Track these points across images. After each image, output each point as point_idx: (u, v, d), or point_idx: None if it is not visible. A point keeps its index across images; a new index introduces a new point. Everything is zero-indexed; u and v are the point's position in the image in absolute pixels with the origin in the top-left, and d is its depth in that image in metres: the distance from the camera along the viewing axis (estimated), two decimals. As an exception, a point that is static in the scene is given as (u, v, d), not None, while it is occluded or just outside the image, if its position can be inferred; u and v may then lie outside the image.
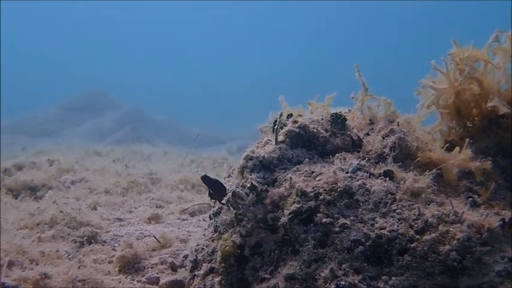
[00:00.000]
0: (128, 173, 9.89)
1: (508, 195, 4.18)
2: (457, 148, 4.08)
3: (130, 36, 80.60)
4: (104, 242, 5.68)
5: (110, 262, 5.01)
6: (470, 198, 3.83)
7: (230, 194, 3.95)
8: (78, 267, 4.57)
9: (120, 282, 4.52)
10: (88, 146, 16.32)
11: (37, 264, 4.65)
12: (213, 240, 4.34)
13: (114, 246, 5.49)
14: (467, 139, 4.11)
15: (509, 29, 4.44)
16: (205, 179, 4.32)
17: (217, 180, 4.34)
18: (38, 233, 5.60)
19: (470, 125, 4.75)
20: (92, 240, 5.60)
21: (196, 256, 4.42)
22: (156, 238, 5.48)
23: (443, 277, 3.19)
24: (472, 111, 4.70)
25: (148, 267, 4.94)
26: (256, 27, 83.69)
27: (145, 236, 5.82)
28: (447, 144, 4.34)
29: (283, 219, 3.70)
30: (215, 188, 4.31)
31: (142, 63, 74.37)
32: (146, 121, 30.21)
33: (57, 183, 8.58)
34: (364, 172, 3.90)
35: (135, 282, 4.63)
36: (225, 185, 4.34)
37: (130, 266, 4.93)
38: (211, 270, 4.14)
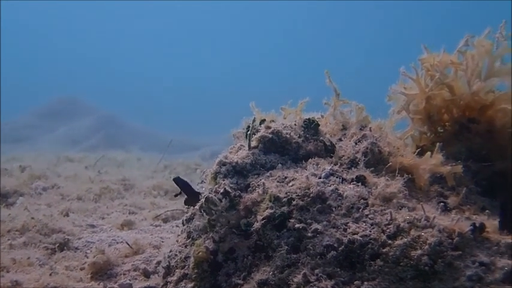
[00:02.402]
0: (100, 179, 9.85)
1: (479, 200, 4.22)
2: (429, 153, 4.12)
3: (104, 42, 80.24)
4: (76, 248, 5.64)
5: (82, 269, 4.97)
6: (442, 203, 3.86)
7: (203, 200, 3.95)
8: (50, 274, 4.54)
9: (92, 289, 4.50)
10: (61, 152, 16.21)
11: (8, 272, 4.61)
12: (186, 246, 4.33)
13: (86, 252, 5.45)
14: (438, 144, 4.15)
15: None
16: (177, 180, 4.31)
17: (188, 183, 4.33)
18: (9, 240, 5.55)
19: (442, 130, 4.79)
20: (64, 247, 5.55)
21: (169, 262, 4.40)
22: (128, 244, 5.45)
23: (415, 282, 3.21)
24: (443, 116, 4.75)
25: (120, 274, 4.91)
26: (229, 33, 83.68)
27: (117, 243, 5.78)
28: (418, 149, 4.37)
29: (257, 225, 3.71)
30: (187, 191, 4.30)
31: (116, 69, 74.01)
32: (120, 127, 30.10)
33: (28, 189, 8.51)
34: (336, 177, 3.92)
35: (107, 288, 4.60)
36: (196, 189, 4.33)
37: (103, 272, 4.90)
38: (184, 277, 4.13)
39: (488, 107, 4.58)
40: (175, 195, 4.42)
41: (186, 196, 4.35)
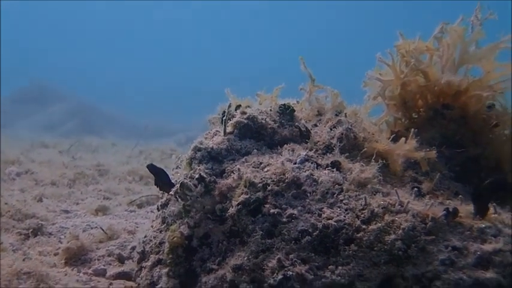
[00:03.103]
0: (75, 165, 9.80)
1: (453, 185, 4.25)
2: (403, 139, 4.14)
3: (80, 27, 79.46)
4: (50, 234, 5.60)
5: (55, 254, 4.94)
6: (416, 188, 3.89)
7: (178, 185, 3.94)
8: (23, 260, 4.50)
9: (66, 275, 4.45)
10: (36, 138, 16.08)
11: (-19, 257, 4.57)
12: (160, 232, 4.32)
13: (60, 238, 5.42)
14: (413, 130, 4.17)
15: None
16: (151, 167, 4.29)
17: (162, 170, 4.31)
18: (-18, 225, 5.51)
19: (416, 116, 4.82)
20: (38, 233, 5.52)
21: (143, 247, 4.40)
22: (103, 230, 5.43)
23: (388, 266, 3.23)
24: (417, 102, 4.77)
25: (95, 259, 4.88)
26: (206, 20, 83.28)
27: (92, 228, 5.76)
28: (393, 135, 4.39)
29: (232, 210, 3.70)
30: (160, 177, 4.28)
31: (93, 55, 73.34)
32: (95, 113, 29.89)
33: (2, 175, 8.44)
34: (311, 163, 3.93)
35: (81, 274, 4.57)
36: (170, 176, 4.32)
37: (77, 258, 4.87)
38: (158, 262, 4.12)
39: (462, 93, 4.61)
40: (156, 185, 4.39)
41: (160, 183, 4.32)
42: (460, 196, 3.84)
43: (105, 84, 54.98)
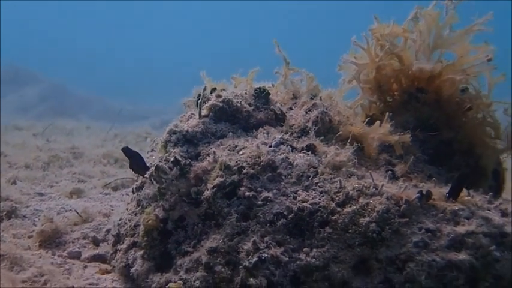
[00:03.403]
0: (49, 147, 9.72)
1: (426, 168, 4.29)
2: (378, 122, 4.16)
3: (54, 7, 78.52)
4: (24, 216, 5.56)
5: (29, 237, 4.91)
6: (390, 171, 3.92)
7: (153, 168, 3.94)
8: (-3, 243, 4.48)
9: (40, 257, 4.43)
10: (8, 121, 15.92)
11: (-46, 241, 4.54)
12: (135, 215, 4.32)
13: (34, 221, 5.38)
14: (388, 113, 4.20)
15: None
16: (126, 150, 4.27)
17: (137, 153, 4.30)
18: (-45, 208, 5.46)
19: (391, 100, 4.84)
20: (12, 215, 5.47)
21: (118, 230, 4.39)
22: (77, 212, 5.41)
23: (362, 248, 3.26)
24: (392, 86, 4.79)
25: (69, 242, 4.86)
26: (184, 3, 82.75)
27: (66, 211, 5.72)
28: (368, 119, 4.41)
29: (207, 193, 3.71)
30: (135, 161, 4.27)
31: (66, 35, 72.56)
32: (69, 95, 29.59)
33: (-26, 158, 8.36)
34: (287, 146, 3.94)
35: (55, 257, 4.55)
36: (145, 159, 4.31)
37: (51, 240, 4.85)
38: (133, 244, 4.12)
39: (436, 77, 4.64)
40: (131, 168, 4.38)
41: (135, 166, 4.31)
42: (434, 179, 3.87)
43: (79, 66, 54.43)
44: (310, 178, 3.66)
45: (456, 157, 4.67)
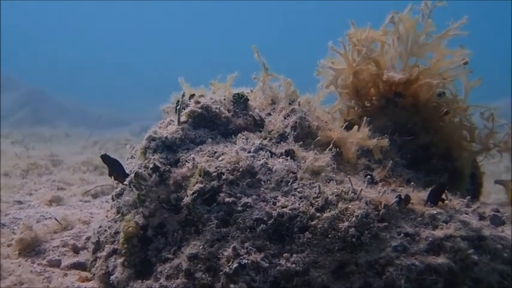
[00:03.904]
0: (27, 155, 9.67)
1: (404, 172, 4.33)
2: (356, 127, 4.19)
3: (31, 11, 77.93)
4: (3, 225, 5.51)
5: (9, 245, 4.88)
6: (369, 176, 3.94)
7: (133, 175, 3.93)
8: (-24, 251, 4.46)
9: (20, 266, 4.41)
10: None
11: None
12: (115, 222, 4.31)
13: (13, 229, 5.34)
14: (366, 118, 4.22)
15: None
16: (105, 158, 4.26)
17: (116, 161, 4.29)
18: None
19: (369, 104, 4.88)
20: (-10, 224, 5.44)
21: (98, 238, 4.38)
22: (57, 220, 5.38)
23: (342, 253, 3.27)
24: (369, 90, 4.83)
25: (49, 250, 4.84)
26: (162, 6, 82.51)
27: (46, 219, 5.68)
28: (346, 123, 4.44)
29: (186, 200, 3.71)
30: (114, 168, 4.26)
31: (44, 40, 72.07)
32: (47, 102, 29.39)
33: (-49, 167, 8.30)
34: (266, 151, 3.95)
35: (35, 265, 4.53)
36: (125, 166, 4.30)
37: (31, 249, 4.82)
38: (114, 252, 4.11)
39: (413, 81, 4.68)
40: (110, 175, 4.37)
41: (114, 173, 4.30)
42: (412, 183, 3.90)
43: (58, 72, 54.11)
44: (289, 183, 3.67)
45: (434, 161, 4.72)
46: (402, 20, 4.63)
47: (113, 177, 4.31)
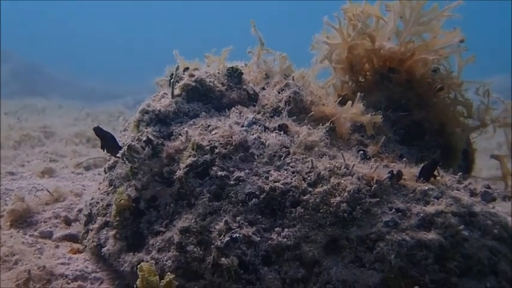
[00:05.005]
0: (20, 127, 9.64)
1: (397, 148, 4.33)
2: (350, 102, 4.17)
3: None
4: (-5, 196, 5.52)
5: (0, 216, 4.88)
6: (361, 151, 3.94)
7: (125, 148, 3.92)
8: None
9: (11, 237, 4.41)
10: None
11: None
12: (108, 194, 4.31)
13: (5, 200, 5.34)
14: (359, 93, 4.21)
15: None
16: (98, 130, 4.25)
17: (109, 133, 4.28)
18: None
19: (363, 80, 4.87)
20: (-18, 195, 5.43)
21: (90, 210, 4.38)
22: (49, 191, 5.37)
23: (333, 228, 3.28)
24: (364, 66, 4.82)
25: (41, 222, 4.84)
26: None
27: (38, 190, 5.68)
28: (340, 98, 4.42)
29: (179, 173, 3.71)
30: (107, 141, 4.25)
31: (40, 12, 71.52)
32: (41, 74, 29.27)
33: None
34: (259, 126, 3.94)
35: (27, 236, 4.53)
36: (118, 139, 4.29)
37: (22, 220, 4.82)
38: (105, 224, 4.12)
39: (408, 57, 4.66)
40: (102, 148, 4.36)
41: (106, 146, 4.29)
42: (405, 159, 3.90)
43: (52, 45, 53.85)
44: (282, 158, 3.67)
45: (427, 137, 4.72)
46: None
47: (105, 149, 4.30)
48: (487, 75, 5.00)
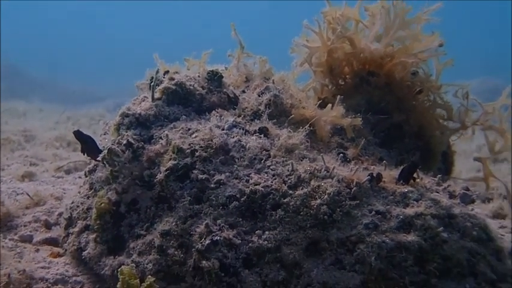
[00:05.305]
0: (0, 130, 9.58)
1: (377, 151, 4.36)
2: (330, 105, 4.19)
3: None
4: (-25, 200, 5.48)
5: (-20, 221, 4.86)
6: (341, 154, 3.96)
7: (106, 151, 3.92)
8: None
9: (-9, 241, 4.40)
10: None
11: None
12: (88, 198, 4.31)
13: (-15, 204, 5.32)
14: (339, 96, 4.23)
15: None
16: (78, 134, 4.24)
17: (90, 137, 4.28)
18: None
19: (343, 83, 4.89)
20: (-38, 199, 5.39)
21: (71, 213, 4.37)
22: (29, 195, 5.35)
23: (314, 230, 3.29)
24: (344, 69, 4.84)
25: (21, 226, 4.82)
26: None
27: (18, 194, 5.64)
28: (320, 101, 4.44)
29: (160, 176, 3.71)
30: (88, 144, 4.25)
31: (20, 12, 71.07)
32: (21, 77, 29.08)
33: None
34: (239, 129, 3.96)
35: (7, 240, 4.51)
36: (98, 143, 4.29)
37: (2, 224, 4.80)
38: (86, 228, 4.11)
39: (387, 61, 4.69)
40: (82, 152, 4.35)
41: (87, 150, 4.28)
42: (384, 161, 3.93)
43: (33, 46, 53.52)
44: (262, 161, 3.69)
45: (406, 140, 4.76)
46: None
47: (85, 153, 4.30)
48: (466, 78, 5.03)
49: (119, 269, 3.22)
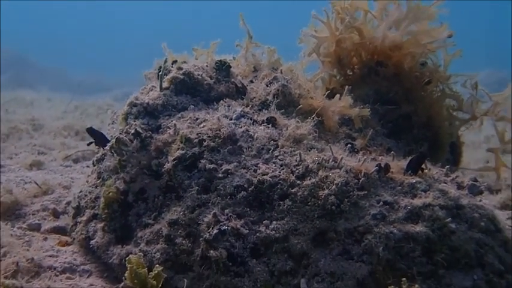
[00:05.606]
0: (8, 119, 9.60)
1: (385, 141, 4.35)
2: (338, 96, 4.18)
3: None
4: (-17, 188, 5.49)
5: (-11, 209, 4.87)
6: (349, 145, 3.95)
7: (114, 140, 3.92)
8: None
9: (-1, 229, 4.41)
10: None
11: None
12: (96, 187, 4.31)
13: (-7, 193, 5.33)
14: (347, 87, 4.22)
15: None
16: (92, 131, 4.26)
17: (102, 134, 4.30)
18: None
19: (351, 73, 4.88)
20: (-30, 188, 5.41)
21: (79, 202, 4.38)
22: (37, 184, 5.36)
23: (321, 220, 3.29)
24: (352, 59, 4.82)
25: (29, 214, 4.83)
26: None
27: (26, 183, 5.66)
28: (328, 92, 4.43)
29: (168, 166, 3.71)
30: (101, 142, 4.27)
31: (29, 5, 70.98)
32: (29, 66, 29.12)
33: None
34: (247, 119, 3.95)
35: (15, 228, 4.52)
36: (106, 133, 4.30)
37: (11, 212, 4.81)
38: (94, 217, 4.12)
39: (397, 50, 4.67)
40: (89, 144, 4.37)
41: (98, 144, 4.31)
42: (392, 152, 3.91)
43: (40, 38, 53.55)
44: (270, 151, 3.68)
45: (415, 130, 4.74)
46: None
47: (95, 143, 4.32)
48: (473, 71, 5.01)
49: (127, 258, 3.21)
